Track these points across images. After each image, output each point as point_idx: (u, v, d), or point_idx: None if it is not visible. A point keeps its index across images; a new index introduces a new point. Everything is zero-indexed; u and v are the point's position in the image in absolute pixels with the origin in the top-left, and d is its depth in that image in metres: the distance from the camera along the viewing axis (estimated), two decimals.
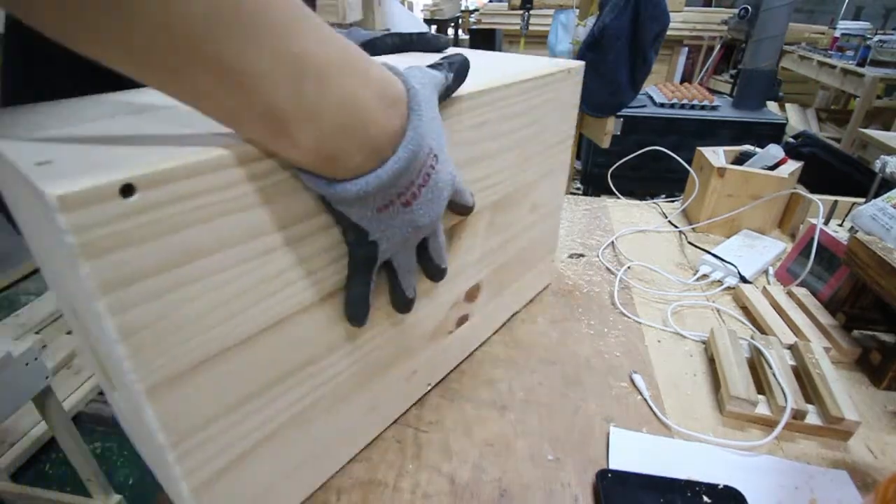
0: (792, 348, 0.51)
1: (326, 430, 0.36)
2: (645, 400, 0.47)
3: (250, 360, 0.28)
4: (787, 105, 3.17)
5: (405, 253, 0.32)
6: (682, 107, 2.21)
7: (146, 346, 0.23)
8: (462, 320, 0.47)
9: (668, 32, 1.37)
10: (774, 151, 0.77)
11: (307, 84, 0.22)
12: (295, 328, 0.30)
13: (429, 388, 0.47)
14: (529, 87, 0.43)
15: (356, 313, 0.33)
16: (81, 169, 0.20)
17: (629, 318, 0.58)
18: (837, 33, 3.01)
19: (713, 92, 2.47)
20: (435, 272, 0.35)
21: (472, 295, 0.47)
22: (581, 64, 0.51)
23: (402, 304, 0.35)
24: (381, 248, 0.29)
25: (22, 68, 0.43)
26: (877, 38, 2.72)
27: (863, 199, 0.64)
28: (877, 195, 0.60)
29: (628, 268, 0.68)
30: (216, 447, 0.28)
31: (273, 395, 0.30)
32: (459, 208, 0.35)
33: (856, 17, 3.94)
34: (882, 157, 0.70)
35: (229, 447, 0.29)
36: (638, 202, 0.90)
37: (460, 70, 0.33)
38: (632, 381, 0.49)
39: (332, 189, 0.25)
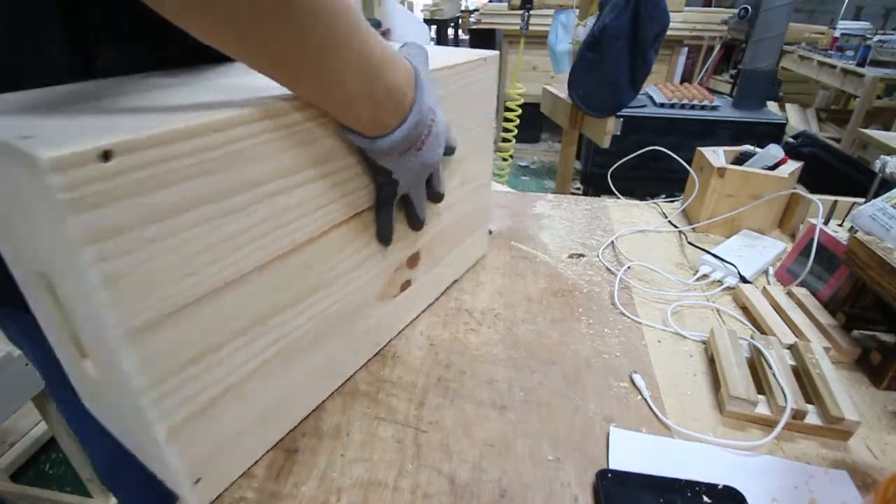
0: (792, 348, 0.51)
1: (288, 382, 0.40)
2: (645, 400, 0.47)
3: (220, 310, 0.31)
4: (787, 105, 3.17)
5: (417, 186, 0.44)
6: (682, 107, 2.22)
7: (125, 293, 0.26)
8: (405, 285, 0.53)
9: (668, 32, 1.37)
10: (774, 151, 0.77)
11: (375, 82, 0.33)
12: (261, 281, 0.34)
13: (377, 349, 0.52)
14: (447, 74, 0.47)
15: (386, 235, 0.45)
16: (63, 139, 0.23)
17: (629, 318, 0.58)
18: (837, 33, 3.01)
19: (713, 92, 2.47)
20: (437, 197, 0.48)
21: (413, 262, 0.53)
22: (495, 54, 0.55)
23: (418, 223, 0.48)
24: (401, 184, 0.41)
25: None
26: (877, 38, 2.72)
27: (863, 199, 0.64)
28: (877, 195, 0.60)
29: (628, 268, 0.68)
30: (188, 392, 0.31)
31: (240, 343, 0.34)
32: (447, 151, 0.45)
33: (856, 17, 3.94)
34: (882, 157, 0.70)
35: (201, 392, 0.32)
36: (638, 202, 0.90)
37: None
38: (632, 381, 0.49)
39: (373, 144, 0.36)
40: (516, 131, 2.12)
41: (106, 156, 0.23)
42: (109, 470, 0.60)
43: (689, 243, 0.75)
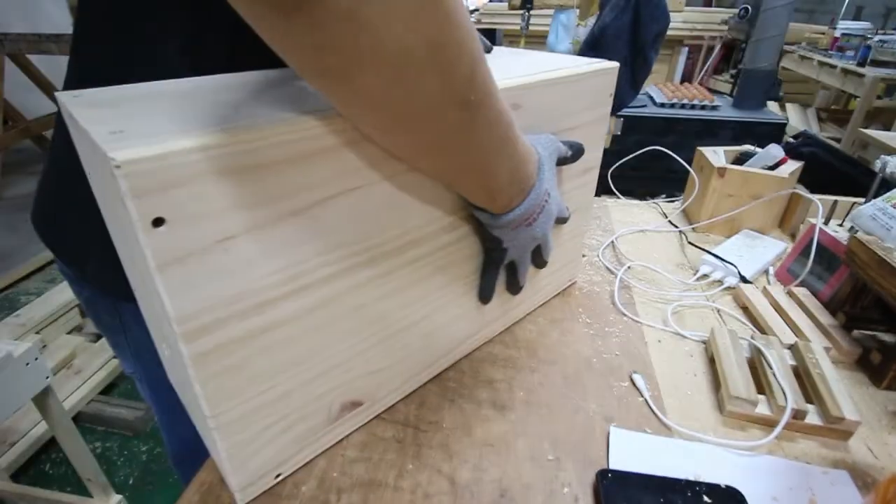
0: (792, 348, 0.51)
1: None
2: (645, 400, 0.47)
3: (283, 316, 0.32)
4: (788, 105, 3.17)
5: (524, 256, 0.46)
6: (683, 107, 2.21)
7: (184, 292, 0.27)
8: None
9: (668, 32, 1.37)
10: (774, 151, 0.77)
11: (517, 174, 0.37)
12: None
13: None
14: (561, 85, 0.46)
15: (487, 295, 0.48)
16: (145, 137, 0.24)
17: (629, 317, 0.58)
18: (838, 33, 3.00)
19: (713, 92, 2.47)
20: (541, 264, 0.50)
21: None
22: (615, 65, 0.52)
23: (517, 289, 0.51)
24: (508, 253, 0.44)
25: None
26: (877, 37, 2.72)
27: (863, 199, 0.64)
28: (877, 195, 0.60)
29: (628, 268, 0.68)
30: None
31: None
32: (560, 221, 0.48)
33: (856, 17, 3.94)
34: (882, 157, 0.70)
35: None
36: (638, 202, 0.90)
37: (576, 153, 0.47)
38: (632, 381, 0.49)
39: (495, 220, 0.40)
40: None
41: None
42: (181, 459, 0.63)
43: (690, 243, 0.75)
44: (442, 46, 0.24)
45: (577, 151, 0.47)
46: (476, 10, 3.67)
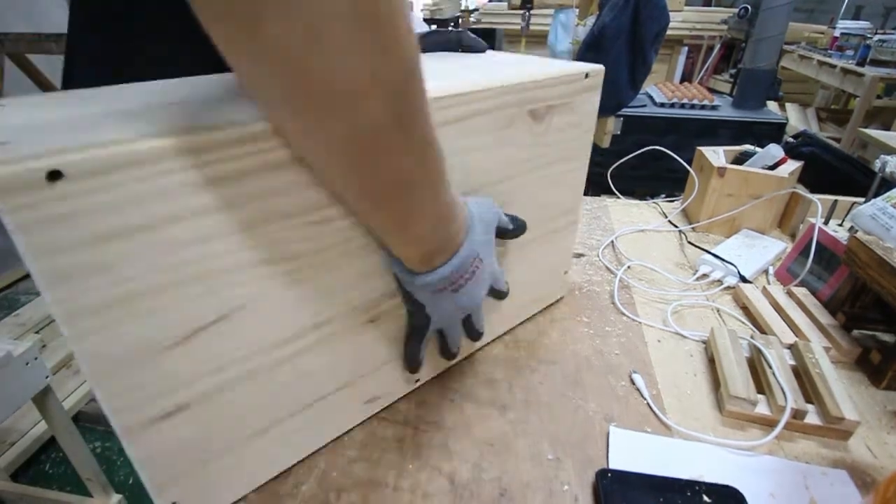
0: (792, 348, 0.51)
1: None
2: (645, 400, 0.47)
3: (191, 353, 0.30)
4: (787, 105, 3.17)
5: (452, 323, 0.42)
6: (682, 106, 2.21)
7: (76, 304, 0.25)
8: None
9: (668, 32, 1.36)
10: (774, 151, 0.77)
11: (441, 229, 0.34)
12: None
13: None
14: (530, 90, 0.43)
15: (412, 366, 0.43)
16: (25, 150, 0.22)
17: (629, 317, 0.58)
18: (837, 33, 3.00)
19: (713, 92, 2.47)
20: (474, 336, 0.45)
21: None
22: (600, 68, 0.49)
23: (450, 356, 0.46)
24: (433, 319, 0.40)
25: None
26: (877, 37, 2.72)
27: (863, 199, 0.64)
28: (877, 195, 0.60)
29: (628, 267, 0.68)
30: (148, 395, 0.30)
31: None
32: (495, 293, 0.44)
33: (855, 17, 3.94)
34: (882, 156, 0.70)
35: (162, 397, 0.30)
36: (638, 202, 0.90)
37: (518, 228, 0.45)
38: (632, 380, 0.49)
39: (412, 278, 0.35)
40: None
41: (54, 176, 0.22)
42: None
43: (689, 243, 0.75)
44: (376, 23, 0.22)
45: (518, 227, 0.44)
46: (476, 9, 3.66)
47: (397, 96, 0.24)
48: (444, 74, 0.41)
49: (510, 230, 0.43)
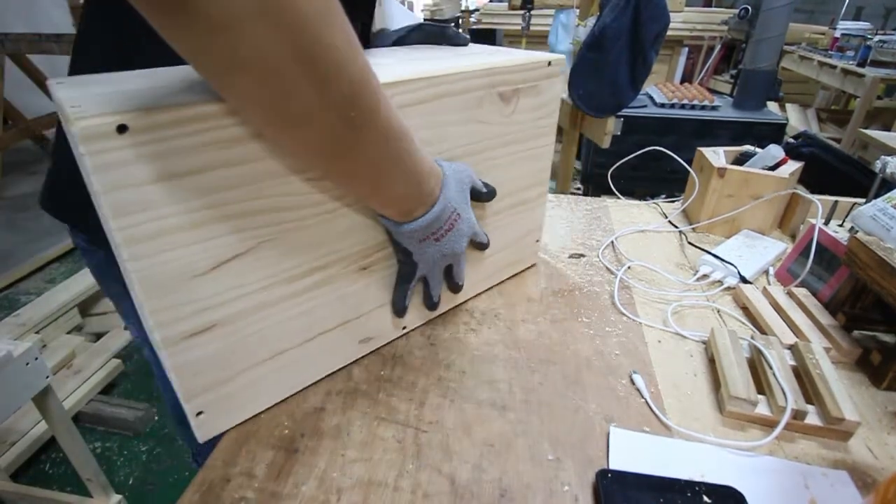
0: (792, 348, 0.51)
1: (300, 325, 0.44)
2: (645, 400, 0.47)
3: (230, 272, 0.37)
4: (788, 105, 3.17)
5: (435, 272, 0.49)
6: (683, 107, 2.21)
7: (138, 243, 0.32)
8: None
9: (669, 32, 1.36)
10: (774, 151, 0.77)
11: (416, 187, 0.39)
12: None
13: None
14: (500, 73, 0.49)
15: (399, 308, 0.50)
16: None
17: (629, 318, 0.58)
18: (837, 33, 3.01)
19: (713, 92, 2.47)
20: (454, 287, 0.53)
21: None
22: (560, 57, 0.54)
23: (431, 305, 0.53)
24: (419, 266, 0.46)
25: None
26: (877, 38, 2.72)
27: (863, 200, 0.64)
28: (877, 195, 0.60)
29: (628, 268, 0.68)
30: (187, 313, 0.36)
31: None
32: (476, 245, 0.52)
33: (856, 18, 3.94)
34: (882, 157, 0.70)
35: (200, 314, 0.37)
36: (638, 202, 0.90)
37: (490, 193, 0.51)
38: (632, 380, 0.49)
39: (398, 228, 0.41)
40: None
41: (121, 129, 0.28)
42: (181, 419, 0.66)
43: (690, 243, 0.75)
44: (312, 62, 0.26)
45: (490, 192, 0.51)
46: (476, 10, 3.66)
47: (346, 118, 0.30)
48: (421, 62, 0.47)
49: (484, 193, 0.50)
